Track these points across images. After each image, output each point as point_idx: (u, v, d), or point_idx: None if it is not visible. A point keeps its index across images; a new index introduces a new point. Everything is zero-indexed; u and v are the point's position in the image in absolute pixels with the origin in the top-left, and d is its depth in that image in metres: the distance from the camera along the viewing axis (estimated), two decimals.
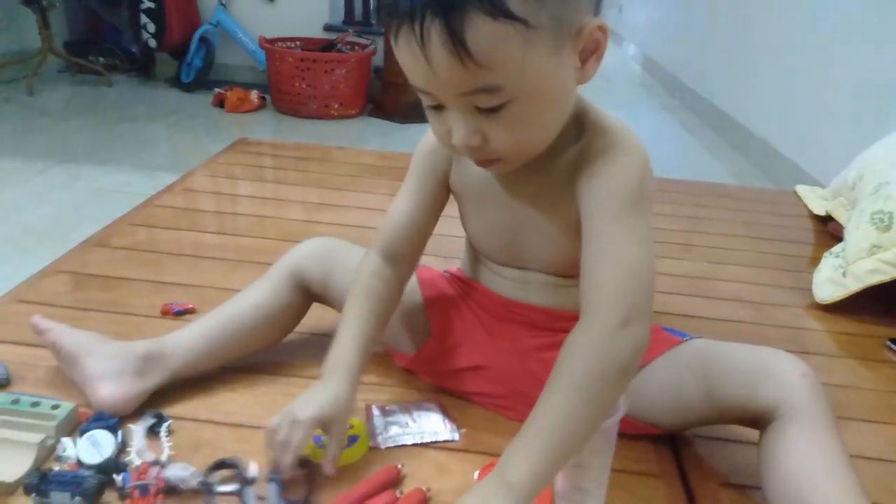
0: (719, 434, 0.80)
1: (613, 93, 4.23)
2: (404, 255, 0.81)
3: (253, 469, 0.67)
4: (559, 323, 0.80)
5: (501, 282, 0.82)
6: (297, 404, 0.68)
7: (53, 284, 1.04)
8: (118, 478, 0.65)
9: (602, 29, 0.60)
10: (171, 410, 0.76)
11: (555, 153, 0.70)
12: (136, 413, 0.75)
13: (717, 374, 0.71)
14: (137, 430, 0.71)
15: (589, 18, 0.59)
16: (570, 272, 0.78)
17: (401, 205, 0.81)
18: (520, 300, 0.81)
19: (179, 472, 0.65)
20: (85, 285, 1.05)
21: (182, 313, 0.98)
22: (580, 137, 0.70)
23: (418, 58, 0.56)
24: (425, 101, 0.63)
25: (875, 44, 2.11)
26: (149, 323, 0.95)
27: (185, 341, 0.80)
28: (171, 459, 0.69)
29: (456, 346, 0.83)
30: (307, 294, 0.87)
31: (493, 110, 0.59)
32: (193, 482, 0.65)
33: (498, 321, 0.82)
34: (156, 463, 0.67)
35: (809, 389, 0.67)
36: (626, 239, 0.64)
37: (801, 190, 1.72)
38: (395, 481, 0.70)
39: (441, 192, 0.81)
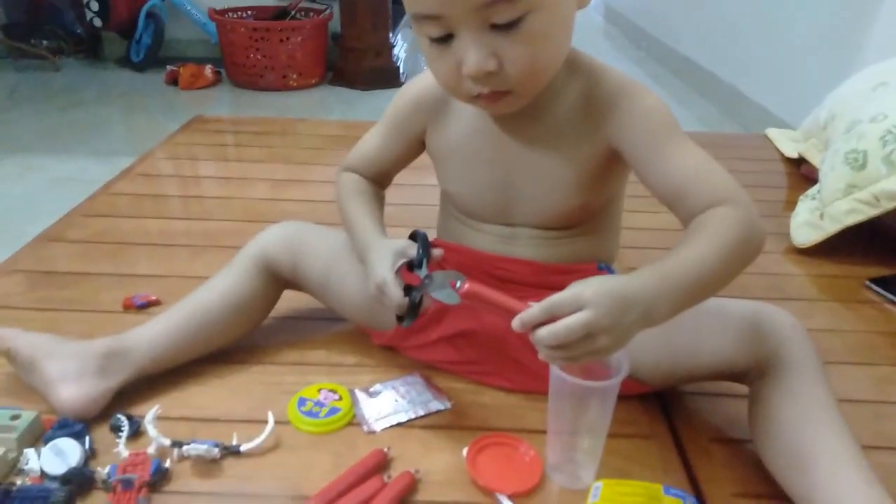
0: (707, 389, 0.79)
1: (577, 46, 4.17)
2: (373, 180, 0.85)
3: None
4: (545, 277, 0.78)
5: (485, 238, 0.80)
6: (371, 276, 0.69)
7: (8, 285, 0.98)
8: (104, 470, 0.63)
9: None
10: (139, 410, 0.72)
11: (551, 98, 0.71)
12: (102, 415, 0.71)
13: (707, 330, 0.69)
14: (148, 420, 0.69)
15: None
16: (559, 224, 0.77)
17: (371, 144, 0.84)
18: (505, 254, 0.78)
19: (199, 447, 0.67)
20: (42, 284, 1.00)
21: (145, 306, 0.93)
22: (574, 81, 0.71)
23: None
24: (432, 33, 0.62)
25: None
26: (112, 319, 0.91)
27: (149, 336, 0.76)
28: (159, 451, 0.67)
29: (437, 314, 0.80)
30: (278, 281, 0.83)
31: (509, 27, 0.59)
32: (215, 451, 0.67)
33: (481, 281, 0.79)
34: (175, 444, 0.67)
35: (798, 341, 0.66)
36: (698, 153, 0.68)
37: (772, 133, 1.71)
38: (382, 465, 0.67)
39: (411, 150, 0.83)
